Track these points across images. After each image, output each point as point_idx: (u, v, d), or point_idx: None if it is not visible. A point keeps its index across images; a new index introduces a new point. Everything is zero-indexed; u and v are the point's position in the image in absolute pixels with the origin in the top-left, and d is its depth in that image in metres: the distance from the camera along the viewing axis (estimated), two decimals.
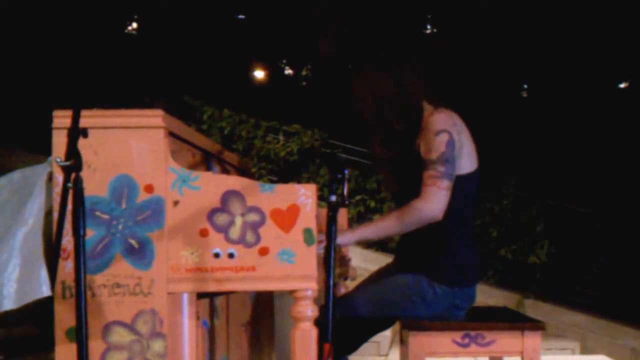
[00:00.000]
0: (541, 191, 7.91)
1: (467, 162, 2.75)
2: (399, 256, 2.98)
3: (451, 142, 2.66)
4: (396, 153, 2.81)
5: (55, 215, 1.94)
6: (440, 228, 2.69)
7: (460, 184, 2.70)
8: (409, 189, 2.73)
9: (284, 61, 15.33)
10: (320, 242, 2.36)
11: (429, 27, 14.13)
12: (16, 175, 2.24)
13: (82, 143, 1.83)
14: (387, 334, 5.12)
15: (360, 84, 2.83)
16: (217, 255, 2.18)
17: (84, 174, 1.84)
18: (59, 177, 2.07)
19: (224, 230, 2.18)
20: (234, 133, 8.85)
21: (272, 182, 3.00)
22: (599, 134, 11.75)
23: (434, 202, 2.63)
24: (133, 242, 2.15)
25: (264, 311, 3.40)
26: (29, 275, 2.10)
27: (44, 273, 2.10)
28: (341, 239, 2.65)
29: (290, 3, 13.05)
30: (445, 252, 2.77)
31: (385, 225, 2.70)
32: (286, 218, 2.20)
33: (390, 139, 2.81)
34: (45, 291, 2.09)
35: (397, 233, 2.74)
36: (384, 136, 2.82)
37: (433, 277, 2.76)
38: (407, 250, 2.90)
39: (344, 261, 3.25)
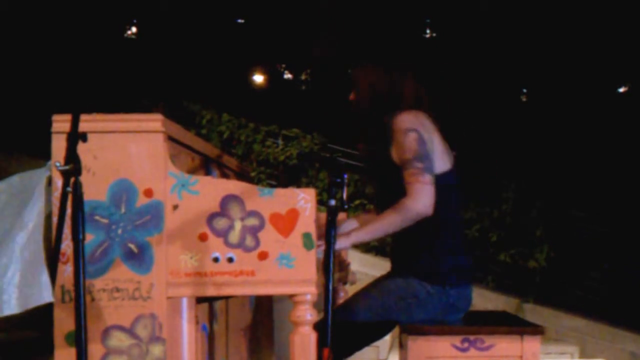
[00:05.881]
0: (540, 195, 7.90)
1: (439, 162, 2.77)
2: (392, 262, 2.99)
3: (421, 139, 2.69)
4: (375, 152, 2.83)
5: (55, 219, 1.94)
6: (423, 229, 2.71)
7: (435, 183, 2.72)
8: (382, 194, 2.78)
9: (283, 65, 15.33)
10: (319, 246, 2.36)
11: (428, 31, 14.14)
12: (15, 180, 2.24)
13: (81, 147, 1.83)
14: (386, 338, 5.11)
15: (361, 72, 2.89)
16: (216, 260, 2.18)
17: (83, 178, 1.84)
18: (59, 181, 2.07)
19: (223, 234, 2.19)
20: (233, 137, 8.84)
21: (272, 186, 3.00)
22: (598, 137, 11.76)
23: (421, 197, 2.66)
24: (132, 246, 2.15)
25: (263, 315, 3.40)
26: (30, 281, 2.10)
27: (45, 278, 2.09)
28: (337, 243, 2.66)
29: (289, 7, 13.06)
30: (432, 252, 2.79)
31: (378, 227, 2.73)
32: (285, 222, 2.20)
33: (375, 134, 2.83)
34: (46, 297, 2.09)
35: (391, 232, 2.76)
36: (371, 130, 2.85)
37: (423, 277, 2.78)
38: (398, 254, 2.93)
39: (343, 266, 3.25)
